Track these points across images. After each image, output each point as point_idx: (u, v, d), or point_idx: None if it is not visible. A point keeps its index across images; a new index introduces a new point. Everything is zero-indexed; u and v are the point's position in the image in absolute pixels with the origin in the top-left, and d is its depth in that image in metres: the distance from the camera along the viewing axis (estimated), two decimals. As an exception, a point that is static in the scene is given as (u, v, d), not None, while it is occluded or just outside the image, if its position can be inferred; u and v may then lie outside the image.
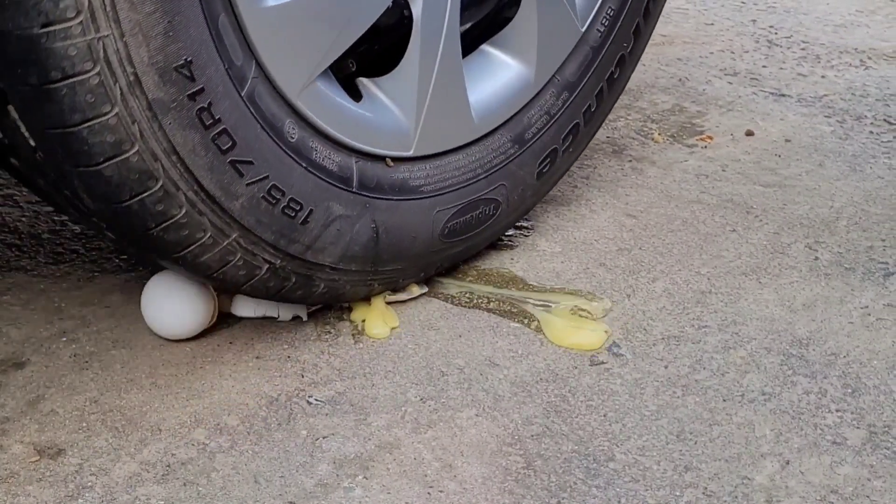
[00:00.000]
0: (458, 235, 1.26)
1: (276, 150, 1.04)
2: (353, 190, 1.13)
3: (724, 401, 1.14)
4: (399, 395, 1.12)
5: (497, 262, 1.37)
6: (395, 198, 1.17)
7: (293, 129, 1.06)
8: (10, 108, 0.93)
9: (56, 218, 1.43)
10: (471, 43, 1.27)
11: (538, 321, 1.24)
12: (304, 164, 1.07)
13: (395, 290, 1.26)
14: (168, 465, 1.01)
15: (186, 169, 0.97)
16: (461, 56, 1.20)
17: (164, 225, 0.99)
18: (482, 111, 1.25)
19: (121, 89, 0.90)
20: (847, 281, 1.37)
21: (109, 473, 1.00)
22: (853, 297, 1.33)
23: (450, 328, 1.24)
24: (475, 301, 1.28)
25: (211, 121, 0.97)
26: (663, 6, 1.43)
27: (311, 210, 1.09)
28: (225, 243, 1.04)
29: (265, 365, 1.16)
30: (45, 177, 1.00)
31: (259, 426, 1.07)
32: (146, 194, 0.96)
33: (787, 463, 1.05)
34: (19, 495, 0.97)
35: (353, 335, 1.21)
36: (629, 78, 1.43)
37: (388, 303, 1.25)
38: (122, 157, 0.93)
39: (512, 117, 1.28)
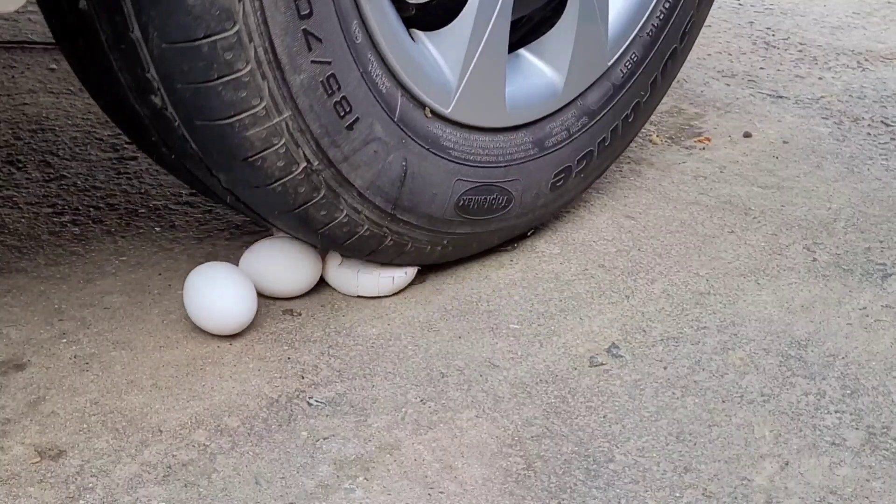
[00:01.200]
0: (469, 213, 1.28)
1: (343, 41, 1.07)
2: (395, 120, 1.16)
3: (724, 402, 1.14)
4: (399, 397, 1.12)
5: (496, 262, 1.38)
6: (426, 147, 1.20)
7: (358, 32, 1.09)
8: None
9: (56, 219, 1.43)
10: (511, 46, 1.31)
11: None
12: (361, 70, 1.10)
13: (394, 262, 1.27)
14: (169, 467, 1.01)
15: (264, 20, 0.99)
16: (508, 39, 1.25)
17: (227, 79, 1.00)
18: (513, 104, 1.29)
19: None
20: (845, 282, 1.37)
21: (110, 475, 1.00)
22: (851, 298, 1.34)
23: (449, 329, 1.24)
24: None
25: None
26: (679, 68, 1.51)
27: (358, 118, 1.11)
28: (275, 121, 1.05)
29: (265, 366, 1.16)
30: (113, 15, 0.99)
31: (260, 427, 1.07)
32: (220, 36, 0.97)
33: (787, 464, 1.05)
34: (20, 497, 0.97)
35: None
36: (640, 128, 1.51)
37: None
38: None
39: (536, 121, 1.33)
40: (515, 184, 1.32)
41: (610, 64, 1.39)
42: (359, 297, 1.29)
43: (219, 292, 1.18)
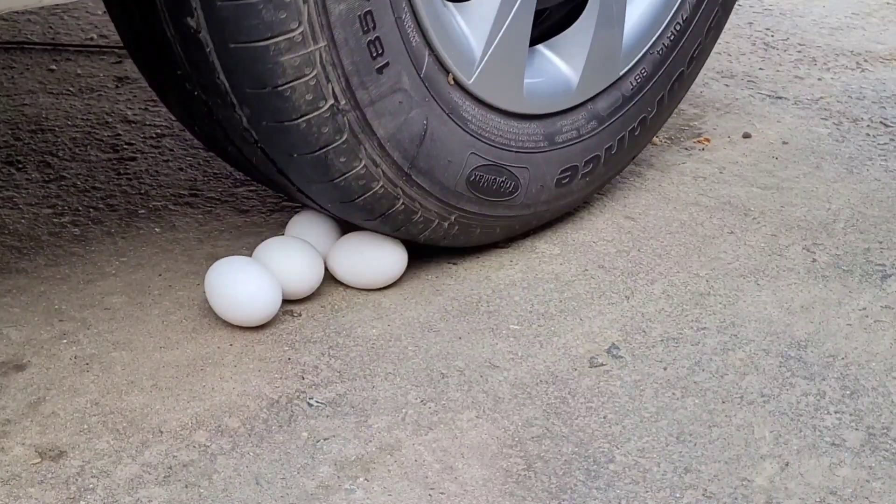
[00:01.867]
0: (478, 191, 1.29)
1: None
2: (421, 76, 1.17)
3: (724, 402, 1.14)
4: (399, 397, 1.12)
5: (496, 262, 1.38)
6: (447, 112, 1.22)
7: None
8: None
9: (56, 220, 1.43)
10: (530, 41, 1.34)
11: None
12: (395, 17, 1.12)
13: (399, 232, 1.27)
14: (169, 468, 1.01)
15: None
16: (531, 23, 1.28)
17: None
18: (529, 93, 1.32)
19: None
20: (845, 283, 1.37)
21: (111, 475, 1.00)
22: (851, 299, 1.34)
23: (450, 330, 1.24)
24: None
25: None
26: (685, 92, 1.56)
27: (388, 63, 1.13)
28: (310, 49, 1.06)
29: (266, 367, 1.16)
30: None
31: (260, 428, 1.07)
32: None
33: (787, 464, 1.06)
34: (21, 497, 0.97)
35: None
36: (645, 145, 1.55)
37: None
38: None
39: (549, 116, 1.35)
40: (524, 172, 1.33)
41: (621, 73, 1.42)
42: (362, 289, 1.30)
43: (252, 283, 1.19)
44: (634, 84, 1.45)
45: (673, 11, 1.45)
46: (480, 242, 1.38)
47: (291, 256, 1.25)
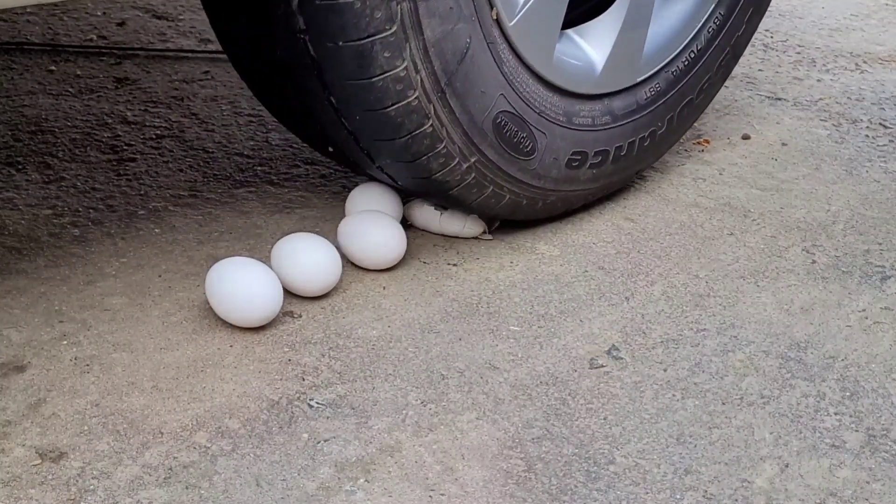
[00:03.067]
0: (499, 137, 1.31)
1: None
2: None
3: (723, 404, 1.14)
4: (400, 399, 1.12)
5: (496, 263, 1.38)
6: (487, 42, 1.24)
7: None
8: None
9: (56, 221, 1.43)
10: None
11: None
12: None
13: (417, 164, 1.28)
14: (170, 469, 1.01)
15: None
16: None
17: None
18: (557, 65, 1.36)
19: None
20: (844, 284, 1.37)
21: (111, 477, 1.00)
22: (850, 300, 1.34)
23: (450, 331, 1.24)
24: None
25: None
26: (694, 120, 1.61)
27: None
28: None
29: (266, 368, 1.16)
30: None
31: (260, 429, 1.07)
32: None
33: (787, 466, 1.06)
34: (21, 499, 0.97)
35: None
36: (650, 161, 1.57)
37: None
38: None
39: (570, 95, 1.39)
40: (542, 136, 1.36)
41: (638, 80, 1.46)
42: (364, 268, 1.32)
43: (252, 283, 1.19)
44: (649, 95, 1.48)
45: (689, 39, 1.51)
46: (486, 209, 1.38)
47: (311, 254, 1.26)
